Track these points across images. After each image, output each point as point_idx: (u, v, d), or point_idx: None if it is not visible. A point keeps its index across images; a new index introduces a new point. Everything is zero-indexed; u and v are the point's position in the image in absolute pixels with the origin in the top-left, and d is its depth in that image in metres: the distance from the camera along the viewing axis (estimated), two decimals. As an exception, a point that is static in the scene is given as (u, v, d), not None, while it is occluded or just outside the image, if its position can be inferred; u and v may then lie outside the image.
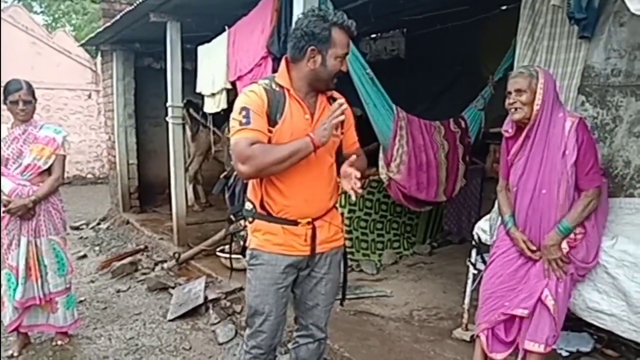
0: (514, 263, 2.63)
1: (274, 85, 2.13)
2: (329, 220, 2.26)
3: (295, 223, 2.16)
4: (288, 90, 2.12)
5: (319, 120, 2.13)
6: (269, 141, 2.07)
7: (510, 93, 2.56)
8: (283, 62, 2.18)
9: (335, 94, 2.27)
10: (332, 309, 2.44)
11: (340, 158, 2.26)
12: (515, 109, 2.53)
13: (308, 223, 2.17)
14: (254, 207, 2.21)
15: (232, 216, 2.36)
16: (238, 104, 2.10)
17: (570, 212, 2.47)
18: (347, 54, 2.09)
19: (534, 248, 2.55)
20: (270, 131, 2.07)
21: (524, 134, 2.57)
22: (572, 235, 2.49)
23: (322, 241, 2.24)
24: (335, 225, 2.30)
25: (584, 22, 2.83)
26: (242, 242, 2.34)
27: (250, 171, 2.03)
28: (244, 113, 2.05)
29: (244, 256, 2.32)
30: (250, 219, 2.23)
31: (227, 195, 2.38)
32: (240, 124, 2.04)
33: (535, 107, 2.49)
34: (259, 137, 2.03)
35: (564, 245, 2.49)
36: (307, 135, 2.04)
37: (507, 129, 2.68)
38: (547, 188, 2.50)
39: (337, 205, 2.36)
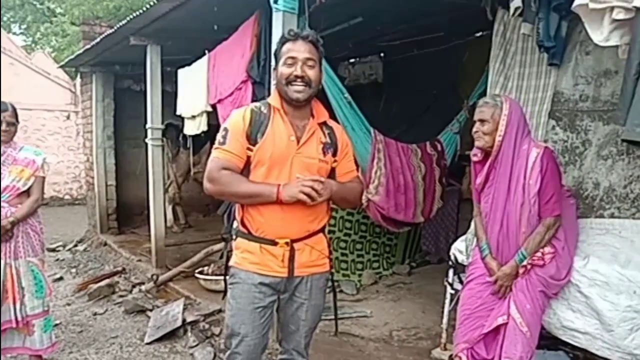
0: (491, 285, 2.68)
1: (263, 107, 2.20)
2: (312, 244, 2.23)
3: (273, 243, 2.16)
4: (278, 110, 2.17)
5: (305, 143, 2.16)
6: (249, 159, 2.14)
7: (475, 122, 2.64)
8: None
9: (331, 122, 2.31)
10: (314, 332, 2.42)
11: None
12: (478, 137, 2.63)
13: (286, 244, 2.16)
14: (238, 224, 2.25)
15: (223, 235, 2.36)
16: (224, 123, 2.22)
17: (528, 242, 2.56)
18: (294, 57, 2.10)
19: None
20: (250, 149, 2.13)
21: (487, 164, 2.65)
22: (539, 255, 2.56)
23: (302, 264, 2.21)
24: (318, 250, 2.25)
25: (552, 50, 2.95)
26: (224, 262, 2.34)
27: (212, 192, 2.16)
28: (223, 133, 2.17)
29: (226, 276, 2.33)
30: (234, 237, 2.26)
31: (225, 215, 2.39)
32: (219, 142, 2.16)
33: (498, 138, 2.56)
34: (231, 160, 2.13)
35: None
36: (277, 185, 2.08)
37: (475, 152, 2.76)
38: (513, 218, 2.58)
39: (325, 230, 2.33)
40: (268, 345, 2.42)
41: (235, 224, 2.29)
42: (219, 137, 2.17)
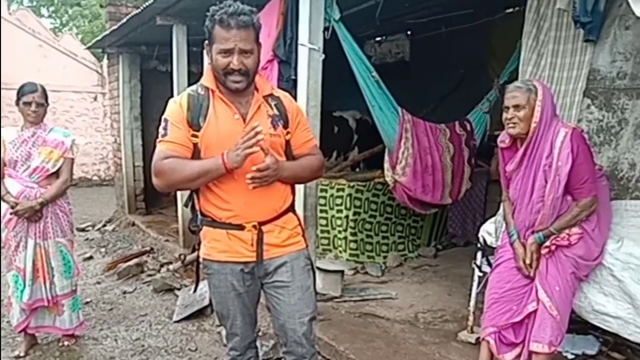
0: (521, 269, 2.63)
1: (200, 90, 2.08)
2: (281, 224, 2.15)
3: (240, 227, 2.08)
4: (213, 91, 2.06)
5: (252, 120, 2.03)
6: (196, 147, 2.03)
7: (508, 108, 2.53)
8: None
9: (277, 92, 2.19)
10: (315, 321, 2.26)
11: (292, 158, 2.16)
12: (514, 124, 2.51)
13: (254, 227, 2.08)
14: (199, 213, 2.16)
15: (191, 228, 2.22)
16: (164, 114, 2.09)
17: (557, 220, 2.49)
18: (229, 49, 1.94)
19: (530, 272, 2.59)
20: (195, 136, 2.03)
21: (521, 151, 2.56)
22: (564, 235, 2.49)
23: (272, 246, 2.13)
24: (288, 229, 2.17)
25: (589, 26, 2.83)
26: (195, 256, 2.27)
27: (162, 185, 2.04)
28: (163, 124, 2.05)
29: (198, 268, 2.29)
30: (199, 227, 2.18)
31: (190, 206, 2.26)
32: (161, 135, 2.05)
33: (533, 125, 2.48)
34: (175, 149, 2.02)
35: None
36: (221, 155, 1.95)
37: (504, 139, 2.68)
38: (542, 201, 2.51)
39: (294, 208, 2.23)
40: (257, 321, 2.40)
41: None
42: (160, 129, 2.05)
